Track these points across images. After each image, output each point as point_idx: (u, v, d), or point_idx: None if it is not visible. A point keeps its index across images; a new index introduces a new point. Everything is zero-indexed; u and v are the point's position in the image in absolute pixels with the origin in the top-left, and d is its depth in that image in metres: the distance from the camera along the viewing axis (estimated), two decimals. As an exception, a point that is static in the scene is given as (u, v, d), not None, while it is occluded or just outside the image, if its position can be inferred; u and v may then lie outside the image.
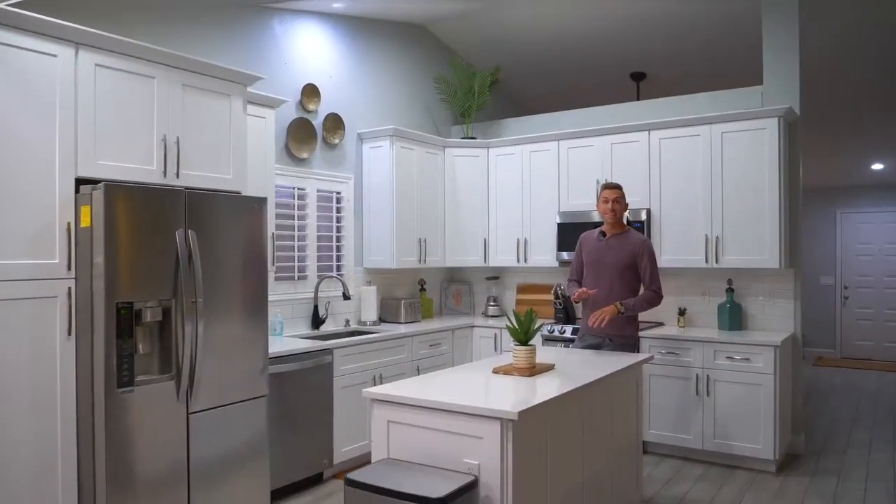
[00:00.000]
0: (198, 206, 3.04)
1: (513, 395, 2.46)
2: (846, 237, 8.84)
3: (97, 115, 2.87)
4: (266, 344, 3.36)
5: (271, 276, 4.29)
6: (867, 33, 4.75)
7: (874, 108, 5.95)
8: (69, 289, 2.76)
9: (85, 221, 2.79)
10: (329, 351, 3.94)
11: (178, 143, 3.15)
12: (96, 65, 2.88)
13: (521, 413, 2.17)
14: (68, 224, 2.77)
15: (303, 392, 3.78)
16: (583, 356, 3.40)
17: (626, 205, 3.74)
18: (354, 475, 2.16)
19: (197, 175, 3.24)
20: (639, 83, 6.16)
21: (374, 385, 4.23)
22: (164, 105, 3.11)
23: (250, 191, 3.72)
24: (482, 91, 5.52)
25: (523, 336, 2.90)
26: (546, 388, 2.60)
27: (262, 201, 3.35)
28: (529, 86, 6.48)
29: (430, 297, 5.64)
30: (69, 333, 2.75)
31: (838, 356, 8.78)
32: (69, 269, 2.77)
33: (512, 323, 2.93)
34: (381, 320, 5.11)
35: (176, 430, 2.92)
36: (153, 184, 3.02)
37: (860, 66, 5.23)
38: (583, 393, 2.67)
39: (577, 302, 4.02)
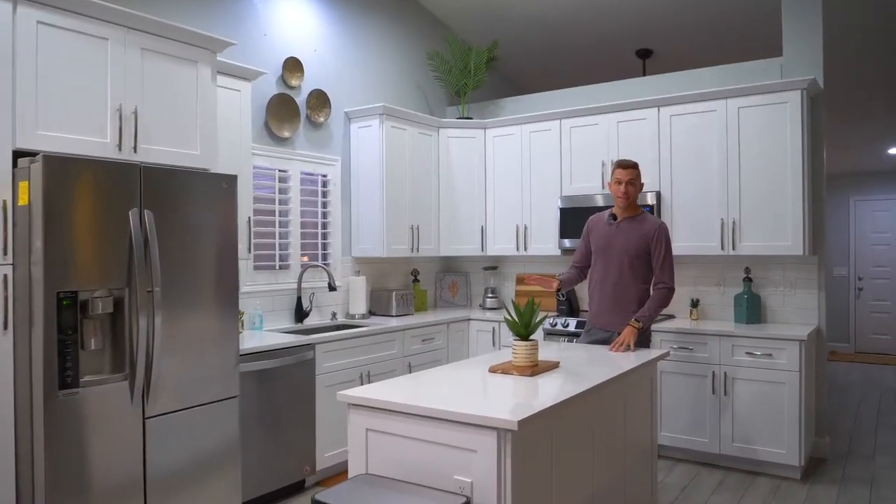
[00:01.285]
0: (156, 183, 2.69)
1: (512, 400, 2.11)
2: (860, 226, 8.48)
3: (39, 79, 2.52)
4: (237, 339, 3.02)
5: (249, 264, 3.95)
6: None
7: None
8: (5, 276, 2.42)
9: (23, 199, 2.44)
10: (311, 346, 3.60)
11: (135, 113, 2.80)
12: (38, 22, 2.52)
13: (521, 422, 1.82)
14: (3, 202, 2.43)
15: (281, 392, 3.44)
16: (590, 352, 3.05)
17: (642, 185, 3.35)
18: (323, 496, 1.81)
19: (158, 150, 2.88)
20: (645, 61, 5.80)
21: (362, 384, 3.88)
22: (120, 71, 2.75)
23: (223, 170, 3.38)
24: (478, 68, 5.15)
25: (524, 330, 2.55)
26: (550, 391, 2.25)
27: (231, 179, 3.00)
28: (528, 65, 6.11)
29: (423, 288, 5.29)
30: (5, 327, 2.41)
31: (852, 351, 8.44)
32: (5, 253, 2.42)
33: (511, 315, 2.58)
34: (371, 313, 4.77)
35: (130, 436, 2.58)
36: (107, 158, 2.67)
37: (885, 37, 4.86)
38: (592, 395, 2.32)
39: (556, 292, 3.62)
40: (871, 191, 8.45)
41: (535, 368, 2.50)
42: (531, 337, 2.60)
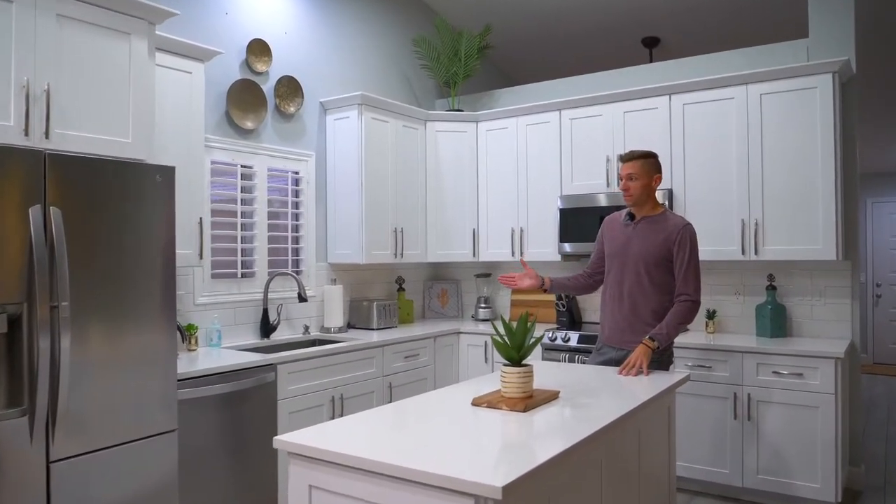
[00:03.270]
0: (66, 175, 2.21)
1: (497, 449, 1.63)
2: (878, 229, 8.00)
3: (-81, 47, 2.05)
4: (174, 361, 2.53)
5: (205, 272, 3.46)
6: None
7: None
8: None
9: None
10: (271, 367, 3.11)
11: (47, 92, 2.32)
12: (-80, -22, 2.05)
13: (507, 488, 1.34)
14: None
15: (236, 421, 2.94)
16: (598, 377, 2.57)
17: (657, 178, 2.81)
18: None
19: (77, 136, 2.41)
20: (651, 50, 5.33)
21: (333, 409, 3.40)
22: (28, 41, 2.28)
23: (169, 163, 2.91)
24: (469, 55, 4.68)
25: (515, 354, 2.07)
26: (548, 434, 1.77)
27: (167, 171, 2.52)
28: (524, 55, 5.64)
29: (409, 298, 4.81)
30: None
31: (870, 361, 7.94)
32: None
33: (499, 334, 2.10)
34: (351, 326, 4.28)
35: (30, 484, 2.09)
36: (10, 144, 2.19)
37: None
38: (602, 435, 1.84)
39: (511, 286, 2.87)
40: (889, 192, 7.97)
41: (530, 401, 2.01)
42: (526, 361, 2.12)
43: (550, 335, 4.01)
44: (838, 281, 3.70)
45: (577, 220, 4.11)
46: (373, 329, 4.16)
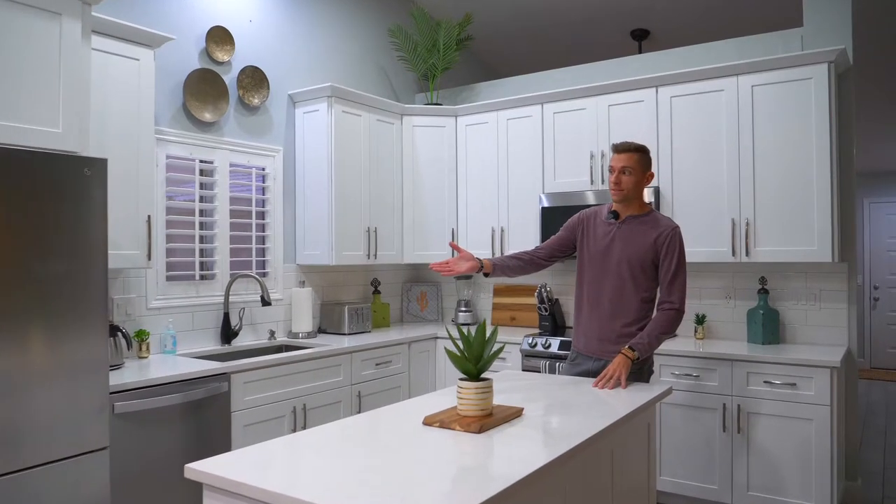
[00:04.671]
0: (-25, 166, 1.99)
1: (446, 478, 1.41)
2: (875, 231, 7.80)
3: None
4: (106, 372, 2.31)
5: (159, 274, 3.24)
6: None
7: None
8: None
9: None
10: (225, 376, 2.89)
11: (-38, 75, 2.10)
12: None
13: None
14: None
15: (184, 436, 2.72)
16: (571, 390, 2.35)
17: (649, 175, 2.57)
18: None
19: (-2, 125, 2.18)
20: (641, 43, 5.12)
21: (295, 421, 3.18)
22: (-61, 17, 2.06)
23: (111, 156, 2.70)
24: (448, 47, 4.46)
25: (473, 367, 1.85)
26: (503, 460, 1.55)
27: (97, 164, 2.30)
28: (509, 48, 5.43)
29: (385, 301, 4.58)
30: None
31: (867, 366, 7.74)
32: None
33: (456, 344, 1.88)
34: (322, 331, 4.06)
35: (-71, 515, 1.87)
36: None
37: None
38: (568, 459, 1.62)
39: (440, 271, 2.45)
40: (887, 192, 7.77)
41: (487, 420, 1.79)
42: (484, 375, 1.90)
43: (530, 341, 3.79)
44: (834, 284, 3.49)
45: (560, 219, 3.85)
46: (344, 334, 3.94)
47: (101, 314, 2.29)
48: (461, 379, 1.86)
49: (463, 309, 4.56)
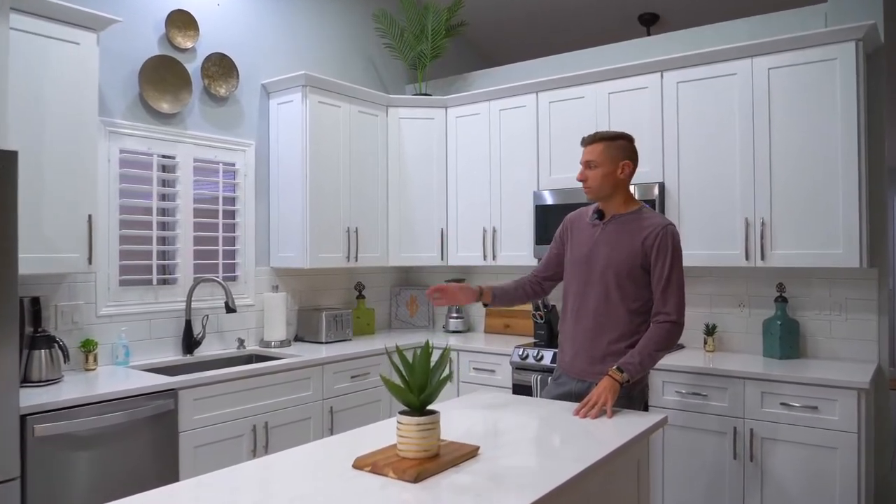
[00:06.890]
0: None
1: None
2: (908, 230, 7.29)
3: None
4: (16, 390, 2.03)
5: (111, 279, 2.98)
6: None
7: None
8: None
9: None
10: (171, 392, 2.60)
11: None
12: None
13: None
14: None
15: (122, 461, 2.44)
16: (546, 419, 2.01)
17: (625, 165, 2.22)
18: None
19: None
20: (649, 28, 4.75)
21: (255, 441, 2.88)
22: None
23: (48, 150, 2.43)
24: (437, 33, 4.14)
25: (415, 398, 1.53)
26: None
27: (4, 157, 2.02)
28: (506, 35, 5.08)
29: (371, 306, 4.27)
30: None
31: (895, 376, 7.24)
32: None
33: (397, 368, 1.56)
34: (299, 339, 3.77)
35: None
36: None
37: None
38: (519, 520, 1.29)
39: (440, 304, 2.32)
40: (920, 189, 7.26)
41: (428, 466, 1.47)
42: (430, 406, 1.58)
43: (521, 353, 3.45)
44: (862, 292, 3.10)
45: (556, 219, 3.51)
46: (321, 343, 3.65)
47: (9, 323, 2.01)
48: (401, 412, 1.54)
49: (454, 315, 4.23)
